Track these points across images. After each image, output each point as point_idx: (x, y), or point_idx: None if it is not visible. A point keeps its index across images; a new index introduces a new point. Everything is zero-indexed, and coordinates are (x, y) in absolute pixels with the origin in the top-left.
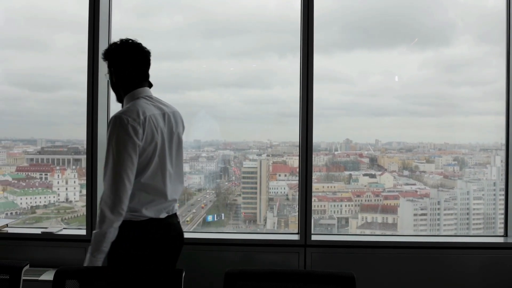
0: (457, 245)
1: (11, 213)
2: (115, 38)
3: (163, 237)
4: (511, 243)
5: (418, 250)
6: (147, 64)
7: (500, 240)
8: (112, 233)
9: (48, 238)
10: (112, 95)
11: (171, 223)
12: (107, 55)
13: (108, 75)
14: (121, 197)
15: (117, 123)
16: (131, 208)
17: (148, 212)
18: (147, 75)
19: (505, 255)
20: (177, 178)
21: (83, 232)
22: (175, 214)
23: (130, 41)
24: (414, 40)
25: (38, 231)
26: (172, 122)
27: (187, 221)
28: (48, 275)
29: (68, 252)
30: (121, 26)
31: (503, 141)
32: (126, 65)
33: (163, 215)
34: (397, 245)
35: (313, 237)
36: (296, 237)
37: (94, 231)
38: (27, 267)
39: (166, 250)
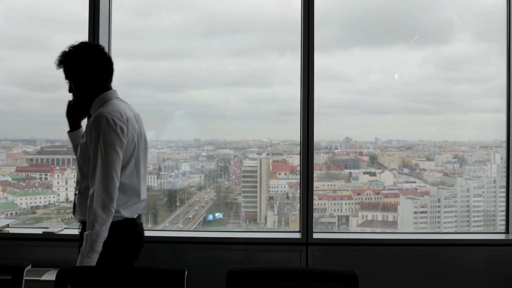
0: (459, 242)
1: (11, 214)
2: (115, 37)
3: (136, 237)
4: None
5: (420, 247)
6: (112, 66)
7: (502, 237)
8: (105, 232)
9: (49, 238)
10: None
11: (140, 223)
12: (73, 57)
13: (72, 81)
14: (111, 195)
15: (103, 122)
16: None
17: (126, 213)
18: (112, 77)
19: (507, 252)
20: (145, 179)
21: None
22: (140, 214)
23: (88, 43)
24: (413, 38)
25: (39, 231)
26: (141, 124)
27: (189, 218)
28: (50, 275)
29: (70, 252)
30: (121, 26)
31: (503, 139)
32: (97, 66)
33: (135, 215)
34: (399, 242)
35: (315, 235)
36: (297, 235)
37: (86, 233)
38: (29, 267)
39: (137, 250)
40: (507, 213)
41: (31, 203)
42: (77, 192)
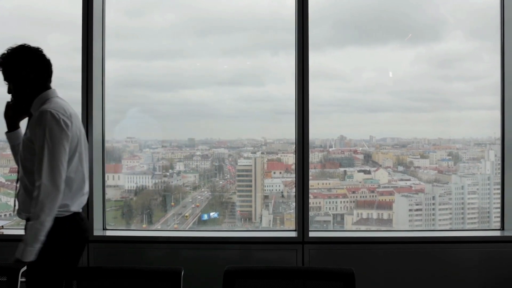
0: (454, 239)
1: (5, 215)
2: (109, 37)
3: (80, 232)
4: (508, 236)
5: (415, 245)
6: (51, 67)
7: (497, 233)
8: (49, 223)
9: None
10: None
11: (84, 217)
12: (12, 60)
13: (11, 82)
14: (58, 187)
15: (48, 117)
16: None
17: (73, 207)
18: (51, 78)
19: (502, 248)
20: (87, 173)
21: None
22: (82, 209)
23: (26, 45)
24: (407, 36)
25: None
26: (80, 122)
27: (186, 216)
28: None
29: None
30: (114, 25)
31: (497, 136)
32: (35, 68)
33: (80, 209)
34: (394, 240)
35: (311, 234)
36: (293, 234)
37: (30, 222)
38: (24, 268)
39: (82, 245)
40: (502, 210)
41: None
42: (19, 189)
